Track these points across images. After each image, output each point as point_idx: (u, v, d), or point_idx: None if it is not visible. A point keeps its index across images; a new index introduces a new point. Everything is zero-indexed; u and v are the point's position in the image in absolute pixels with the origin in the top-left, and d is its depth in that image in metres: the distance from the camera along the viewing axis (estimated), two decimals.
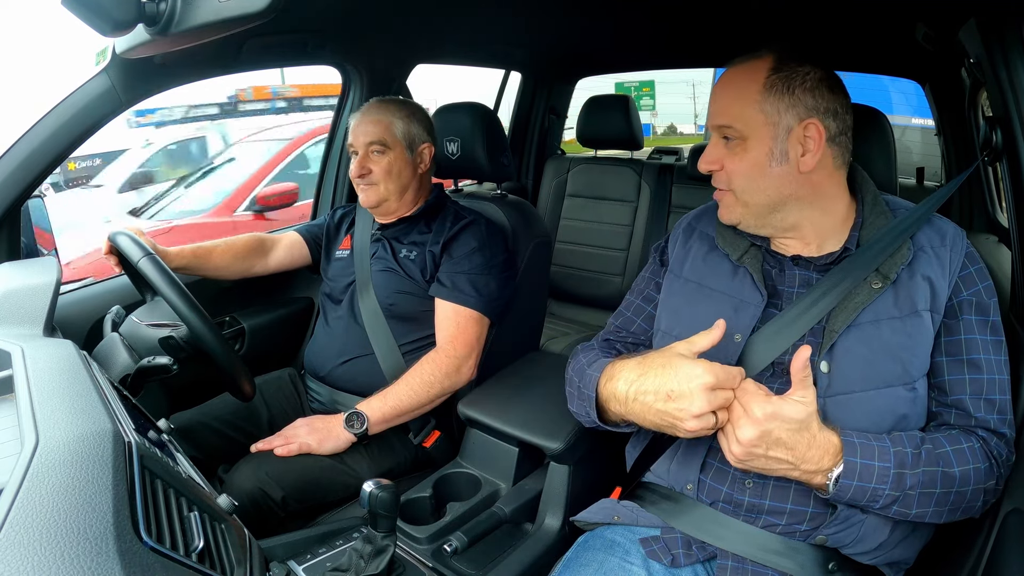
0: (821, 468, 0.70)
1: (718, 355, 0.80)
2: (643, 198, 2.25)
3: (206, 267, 1.34)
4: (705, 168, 0.83)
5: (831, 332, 0.77)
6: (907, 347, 0.75)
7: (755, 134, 0.78)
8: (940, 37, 1.16)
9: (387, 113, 1.32)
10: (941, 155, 1.91)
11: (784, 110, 0.77)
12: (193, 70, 1.31)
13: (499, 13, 1.53)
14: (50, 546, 0.38)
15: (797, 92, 0.76)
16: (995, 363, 0.76)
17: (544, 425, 1.06)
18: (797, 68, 0.77)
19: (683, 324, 0.87)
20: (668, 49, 2.12)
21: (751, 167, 0.79)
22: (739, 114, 0.78)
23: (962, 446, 0.73)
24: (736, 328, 0.81)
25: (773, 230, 0.83)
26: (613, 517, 0.89)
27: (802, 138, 0.77)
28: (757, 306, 0.81)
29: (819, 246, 0.82)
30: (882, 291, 0.76)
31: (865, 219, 0.81)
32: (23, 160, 1.12)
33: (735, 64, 0.81)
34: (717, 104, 0.81)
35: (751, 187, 0.80)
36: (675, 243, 0.95)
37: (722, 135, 0.81)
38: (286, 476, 1.09)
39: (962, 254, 0.78)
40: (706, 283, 0.87)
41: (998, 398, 0.76)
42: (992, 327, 0.77)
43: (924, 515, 0.72)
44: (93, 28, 0.74)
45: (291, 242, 1.48)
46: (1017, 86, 0.83)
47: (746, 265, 0.84)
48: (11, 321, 0.88)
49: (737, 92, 0.79)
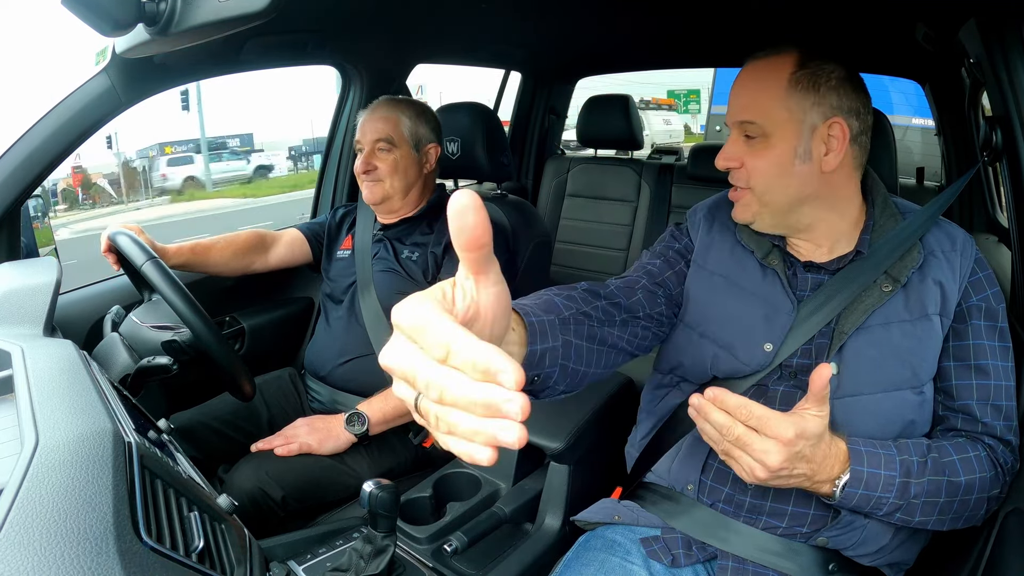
0: (831, 476, 0.69)
1: (746, 363, 0.80)
2: (643, 198, 2.25)
3: (205, 263, 1.33)
4: (724, 165, 0.80)
5: (840, 334, 0.76)
6: (916, 351, 0.75)
7: (779, 131, 0.76)
8: (940, 37, 1.16)
9: (396, 111, 1.32)
10: (941, 155, 1.91)
11: (810, 108, 0.75)
12: (193, 70, 1.31)
13: (499, 13, 1.53)
14: (50, 546, 0.38)
15: (823, 90, 0.75)
16: (1002, 369, 0.76)
17: (544, 425, 1.06)
18: (823, 65, 0.75)
19: (713, 322, 0.83)
20: (669, 49, 2.11)
21: (773, 165, 0.77)
22: (764, 110, 0.76)
23: (968, 455, 0.72)
24: (767, 337, 0.79)
25: (787, 230, 0.82)
26: (614, 517, 0.89)
27: (826, 137, 0.76)
28: (788, 314, 0.79)
29: (830, 248, 0.81)
30: (892, 294, 0.76)
31: (876, 222, 0.80)
32: (23, 160, 1.12)
33: (757, 59, 0.79)
34: (739, 100, 0.79)
35: (772, 185, 0.78)
36: (697, 230, 0.90)
37: (744, 132, 0.78)
38: (286, 476, 1.09)
39: (972, 259, 0.78)
40: (735, 280, 0.84)
41: (1004, 404, 0.76)
42: (1000, 333, 0.77)
43: (927, 523, 0.72)
44: (93, 28, 0.74)
45: (292, 239, 1.47)
46: (1017, 86, 0.83)
47: (773, 266, 0.82)
48: (11, 321, 0.88)
49: (761, 88, 0.77)
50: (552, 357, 0.61)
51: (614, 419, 1.10)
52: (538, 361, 0.59)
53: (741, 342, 0.81)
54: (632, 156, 2.43)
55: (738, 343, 0.81)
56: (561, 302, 0.68)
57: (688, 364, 0.85)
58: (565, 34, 1.90)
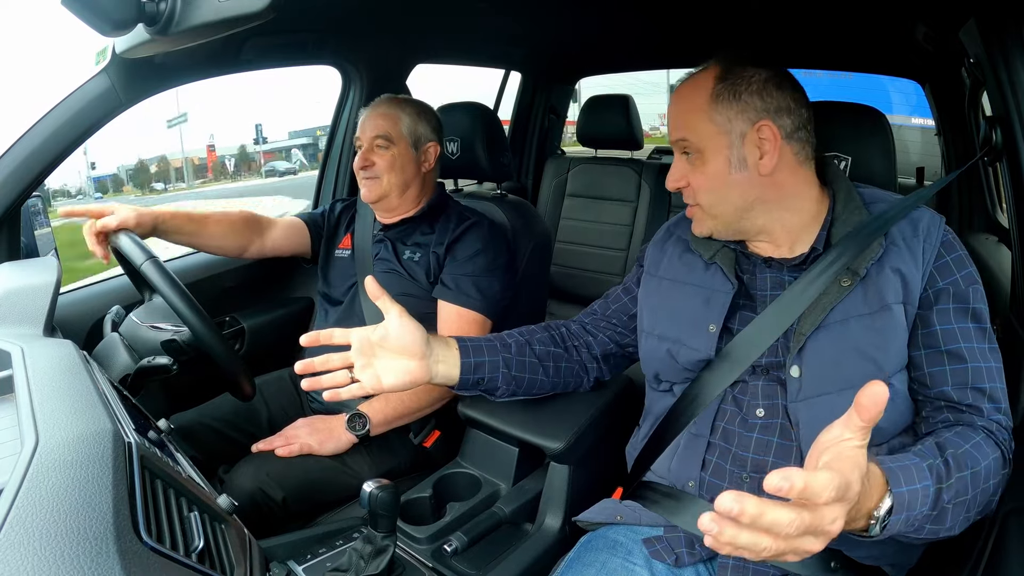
0: (868, 509, 0.57)
1: (697, 348, 0.83)
2: (643, 198, 2.25)
3: (201, 234, 1.29)
4: (673, 187, 0.84)
5: (800, 335, 0.76)
6: (877, 344, 0.74)
7: (710, 145, 0.79)
8: (940, 37, 1.16)
9: (396, 109, 1.32)
10: (941, 155, 1.91)
11: (734, 116, 0.77)
12: (193, 70, 1.31)
13: (499, 13, 1.53)
14: (50, 546, 0.38)
15: (744, 96, 0.77)
16: (979, 351, 0.73)
17: (544, 425, 1.06)
18: (742, 73, 0.78)
19: (661, 319, 0.89)
20: (668, 49, 2.12)
21: (712, 179, 0.80)
22: (692, 128, 0.80)
23: (976, 440, 0.69)
24: (709, 319, 0.83)
25: (745, 235, 0.84)
26: (615, 517, 0.89)
27: (757, 141, 0.77)
28: (727, 294, 0.83)
29: (790, 247, 0.82)
30: (851, 288, 0.75)
31: (837, 216, 0.80)
32: (23, 160, 1.12)
33: (684, 80, 0.83)
34: (672, 121, 0.83)
35: (716, 199, 0.81)
36: (650, 250, 0.97)
37: (681, 150, 0.82)
38: (286, 476, 1.09)
39: (937, 243, 0.76)
40: (681, 279, 0.89)
41: (988, 386, 0.72)
42: (974, 314, 0.74)
43: (954, 527, 0.65)
44: (93, 28, 0.74)
45: (290, 224, 1.44)
46: (1017, 86, 0.83)
47: (717, 261, 0.86)
48: (11, 321, 0.88)
49: (687, 106, 0.80)
50: (492, 367, 0.91)
51: (615, 419, 1.09)
52: (475, 368, 0.90)
53: (687, 330, 0.85)
54: (632, 156, 2.42)
55: (685, 332, 0.85)
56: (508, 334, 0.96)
57: (658, 367, 0.89)
58: (565, 34, 1.90)
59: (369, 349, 0.81)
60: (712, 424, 0.82)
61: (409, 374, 0.82)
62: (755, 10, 1.39)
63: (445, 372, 0.87)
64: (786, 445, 0.78)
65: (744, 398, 0.81)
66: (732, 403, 0.82)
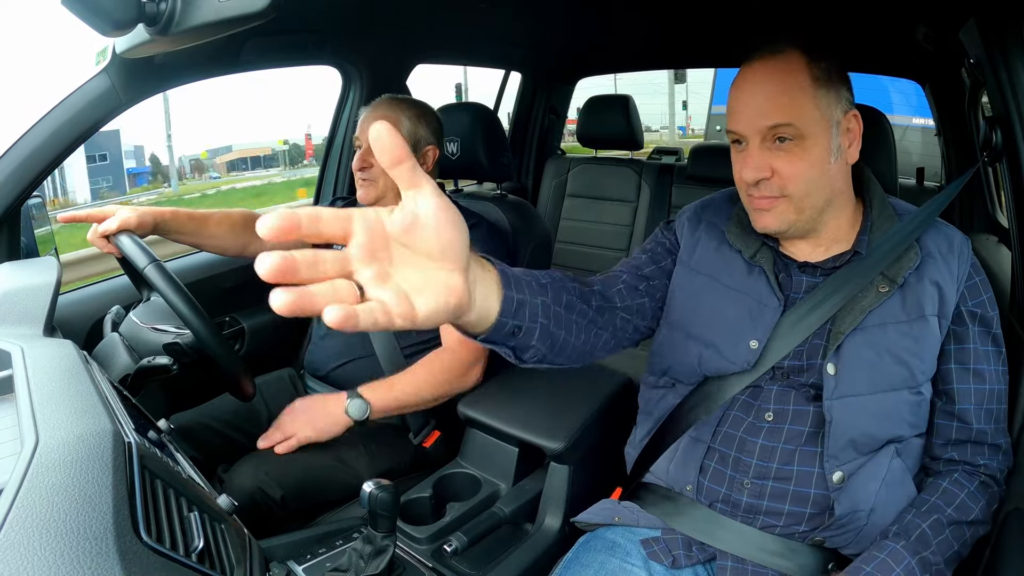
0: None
1: (732, 361, 0.79)
2: (643, 198, 2.25)
3: (202, 233, 1.28)
4: (755, 177, 0.75)
5: (837, 334, 0.76)
6: (913, 351, 0.75)
7: (813, 131, 0.73)
8: (940, 37, 1.16)
9: (396, 111, 1.31)
10: (941, 155, 1.91)
11: (833, 103, 0.74)
12: (193, 70, 1.31)
13: (499, 13, 1.53)
14: (50, 546, 0.38)
15: (835, 82, 0.74)
16: (995, 374, 0.77)
17: (544, 425, 1.06)
18: (830, 58, 0.74)
19: (695, 319, 0.83)
20: (669, 49, 2.12)
21: (812, 168, 0.73)
22: (799, 111, 0.72)
23: (971, 488, 0.75)
24: (753, 334, 0.79)
25: (813, 233, 0.79)
26: (614, 518, 0.89)
27: (845, 130, 0.75)
28: (775, 311, 0.78)
29: (827, 248, 0.81)
30: (889, 295, 0.76)
31: (874, 222, 0.79)
32: (23, 160, 1.12)
33: (763, 59, 0.74)
34: (766, 103, 0.73)
35: (811, 189, 0.74)
36: (683, 230, 0.89)
37: (775, 136, 0.73)
38: (285, 475, 1.09)
39: (968, 263, 0.78)
40: (720, 278, 0.83)
41: (996, 408, 0.77)
42: (994, 338, 0.78)
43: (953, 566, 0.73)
44: (93, 28, 0.74)
45: None
46: (1017, 86, 0.83)
47: (761, 264, 0.81)
48: (11, 321, 0.88)
49: (786, 88, 0.72)
50: (532, 312, 0.62)
51: (614, 419, 1.10)
52: (516, 310, 0.59)
53: (726, 340, 0.80)
54: (632, 156, 2.43)
55: (723, 341, 0.80)
56: (540, 274, 0.68)
57: (677, 366, 0.85)
58: (565, 34, 1.90)
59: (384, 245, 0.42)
60: (715, 429, 0.82)
61: (452, 293, 0.44)
62: (755, 10, 1.39)
63: (483, 302, 0.54)
64: (789, 450, 0.78)
65: (755, 402, 0.80)
66: (741, 408, 0.81)
